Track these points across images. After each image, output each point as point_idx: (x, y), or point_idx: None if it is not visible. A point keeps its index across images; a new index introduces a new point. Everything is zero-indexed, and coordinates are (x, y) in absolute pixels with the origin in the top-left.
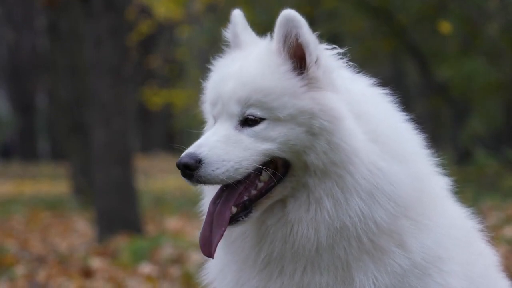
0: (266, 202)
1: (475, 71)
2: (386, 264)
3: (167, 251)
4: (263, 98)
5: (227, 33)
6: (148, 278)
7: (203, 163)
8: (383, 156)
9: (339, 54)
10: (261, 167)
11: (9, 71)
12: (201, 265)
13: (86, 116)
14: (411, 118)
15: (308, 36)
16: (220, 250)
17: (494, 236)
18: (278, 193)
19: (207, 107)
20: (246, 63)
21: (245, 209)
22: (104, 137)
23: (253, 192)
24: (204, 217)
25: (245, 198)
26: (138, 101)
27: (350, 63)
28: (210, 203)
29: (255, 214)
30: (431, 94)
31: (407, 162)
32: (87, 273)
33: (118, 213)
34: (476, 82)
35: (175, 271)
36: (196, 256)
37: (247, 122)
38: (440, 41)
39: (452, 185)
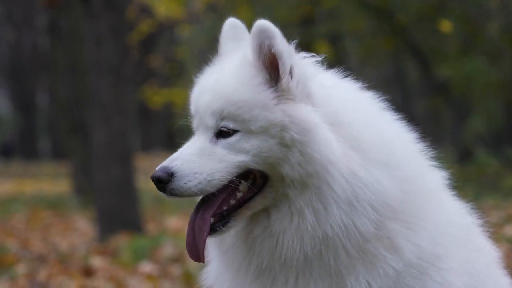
0: (245, 213)
1: (475, 70)
2: (377, 268)
3: (167, 250)
4: (236, 110)
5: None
6: (149, 277)
7: (175, 176)
8: (364, 163)
9: (318, 61)
10: (235, 179)
11: (10, 71)
12: (201, 265)
13: (87, 116)
14: (404, 117)
15: (281, 46)
16: (216, 257)
17: (495, 234)
18: (258, 203)
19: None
20: (221, 75)
21: (222, 219)
22: (105, 137)
23: (232, 202)
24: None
25: (224, 208)
26: (138, 100)
27: (343, 67)
28: (192, 213)
29: (234, 224)
30: (432, 94)
31: (392, 166)
32: (88, 272)
33: (119, 212)
34: (477, 82)
35: (175, 270)
36: None
37: (222, 134)
38: (440, 41)
39: (449, 180)
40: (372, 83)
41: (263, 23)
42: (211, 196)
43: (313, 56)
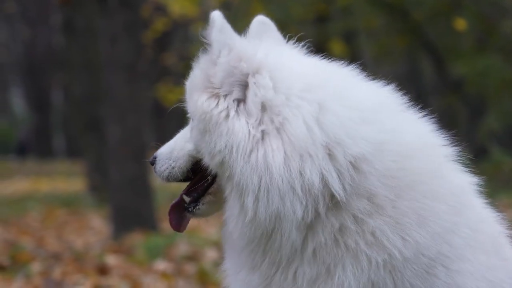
0: (209, 198)
1: (490, 68)
2: (361, 261)
3: (182, 248)
4: (186, 97)
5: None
6: (164, 275)
7: (156, 159)
8: (290, 153)
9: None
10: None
11: (25, 68)
12: (216, 263)
13: (101, 113)
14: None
15: (214, 34)
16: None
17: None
18: (217, 190)
19: None
20: None
21: (194, 201)
22: (119, 134)
23: (205, 185)
24: None
25: (198, 191)
26: (153, 98)
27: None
28: None
29: (203, 207)
30: (446, 91)
31: (347, 162)
32: (103, 270)
33: (133, 210)
34: (492, 79)
35: (190, 268)
36: (212, 253)
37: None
38: (455, 38)
39: (480, 185)
40: (387, 80)
41: (213, 15)
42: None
43: (290, 37)
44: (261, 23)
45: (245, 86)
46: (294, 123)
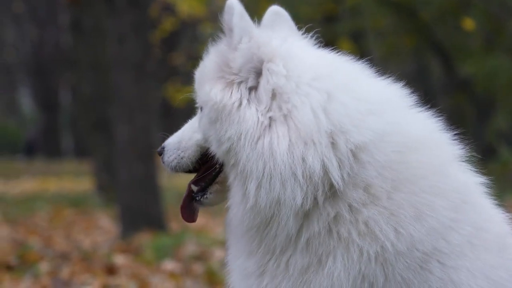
0: (216, 187)
1: (498, 67)
2: (352, 252)
3: (190, 248)
4: (195, 86)
5: None
6: (172, 275)
7: (164, 150)
8: (295, 140)
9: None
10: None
11: (33, 68)
12: (224, 262)
13: (109, 113)
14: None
15: (235, 21)
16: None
17: None
18: (224, 179)
19: None
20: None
21: (202, 190)
22: (127, 133)
23: (213, 175)
24: None
25: (206, 180)
26: (161, 98)
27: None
28: None
29: (210, 196)
30: (454, 91)
31: (347, 150)
32: (111, 270)
33: (142, 210)
34: (500, 79)
35: (198, 268)
36: (220, 253)
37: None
38: (463, 38)
39: (487, 184)
40: (395, 80)
41: (230, 1)
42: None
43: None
44: (275, 13)
45: (259, 73)
46: (301, 110)
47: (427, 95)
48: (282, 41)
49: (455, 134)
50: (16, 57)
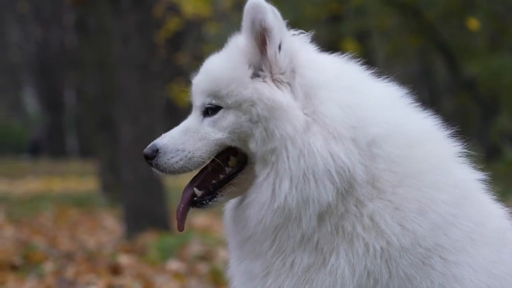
0: (231, 189)
1: (503, 67)
2: (357, 247)
3: (195, 248)
4: (216, 86)
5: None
6: (176, 275)
7: (159, 152)
8: (327, 137)
9: (307, 37)
10: (214, 157)
11: (38, 68)
12: (228, 262)
13: (114, 113)
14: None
15: (272, 20)
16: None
17: None
18: (243, 180)
19: None
20: (213, 56)
21: (210, 193)
22: (132, 133)
23: (221, 177)
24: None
25: (213, 182)
26: (166, 98)
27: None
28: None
29: (221, 199)
30: (459, 91)
31: (365, 144)
32: (115, 270)
33: (146, 210)
34: (505, 79)
35: (203, 268)
36: (224, 253)
37: (208, 112)
38: (468, 38)
39: (485, 180)
40: (400, 80)
41: (255, 0)
42: (202, 169)
43: (302, 32)
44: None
45: (295, 72)
46: (329, 106)
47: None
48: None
49: (456, 133)
50: (20, 57)
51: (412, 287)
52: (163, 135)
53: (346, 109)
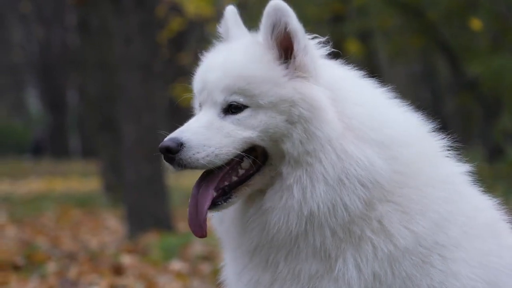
0: (245, 190)
1: (505, 67)
2: (365, 251)
3: (197, 248)
4: (246, 85)
5: (220, 28)
6: (179, 275)
7: (184, 146)
8: (355, 141)
9: (320, 42)
10: (243, 154)
11: (40, 68)
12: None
13: (116, 112)
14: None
15: (297, 24)
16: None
17: None
18: (257, 181)
19: (194, 100)
20: (230, 53)
21: (224, 194)
22: (134, 133)
23: (234, 178)
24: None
25: (226, 183)
26: (168, 98)
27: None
28: (193, 187)
29: (235, 200)
30: (461, 91)
31: (386, 146)
32: (118, 270)
33: (149, 210)
34: (507, 79)
35: (205, 268)
36: None
37: (230, 109)
38: (470, 38)
39: (473, 174)
40: (402, 80)
41: (277, 2)
42: (214, 170)
43: (316, 37)
44: (235, 13)
45: (318, 75)
46: (354, 108)
47: (434, 95)
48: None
49: (435, 127)
50: (22, 57)
51: (413, 285)
52: (180, 129)
53: (370, 110)
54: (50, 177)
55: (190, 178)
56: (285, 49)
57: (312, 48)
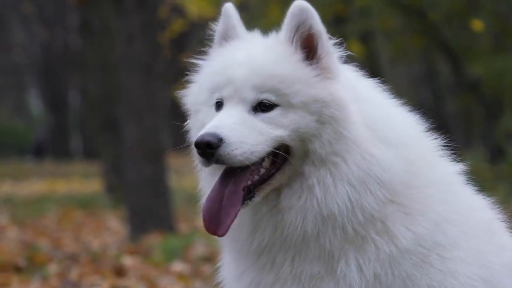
0: (266, 188)
1: (507, 68)
2: (367, 252)
3: (199, 249)
4: (278, 84)
5: (218, 26)
6: (180, 276)
7: (224, 142)
8: (375, 142)
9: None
10: (275, 150)
11: (41, 69)
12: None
13: (118, 113)
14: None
15: (322, 26)
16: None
17: None
18: (277, 180)
19: (200, 96)
20: (255, 51)
21: (249, 193)
22: (136, 134)
23: (256, 177)
24: (206, 196)
25: (249, 183)
26: (170, 99)
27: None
28: (216, 182)
29: (257, 198)
30: (463, 92)
31: (397, 146)
32: (120, 272)
33: (150, 211)
34: (508, 79)
35: (207, 269)
36: None
37: (260, 107)
38: (471, 38)
39: (466, 174)
40: (403, 81)
41: (302, 3)
42: (238, 169)
43: (330, 38)
44: (234, 9)
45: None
46: (372, 109)
47: (435, 96)
48: None
49: (432, 128)
50: (24, 58)
51: (413, 285)
52: (214, 125)
53: (385, 111)
54: (51, 178)
55: (191, 179)
56: (308, 50)
57: (334, 50)
